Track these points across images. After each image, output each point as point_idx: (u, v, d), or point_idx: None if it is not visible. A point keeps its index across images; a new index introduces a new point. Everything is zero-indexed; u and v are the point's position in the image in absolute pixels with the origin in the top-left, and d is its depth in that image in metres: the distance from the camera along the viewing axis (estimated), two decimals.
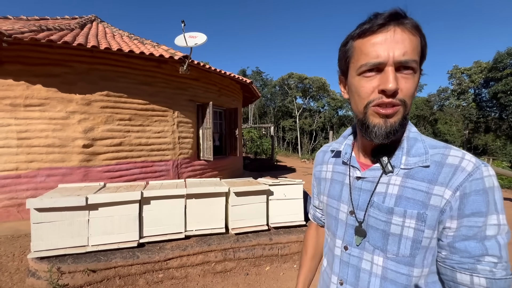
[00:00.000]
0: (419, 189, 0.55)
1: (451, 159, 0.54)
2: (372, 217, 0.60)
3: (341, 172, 0.71)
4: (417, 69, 0.54)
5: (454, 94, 27.46)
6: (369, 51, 0.53)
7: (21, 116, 3.76)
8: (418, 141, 0.59)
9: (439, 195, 0.53)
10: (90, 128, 4.17)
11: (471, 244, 0.50)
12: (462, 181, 0.51)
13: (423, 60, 0.57)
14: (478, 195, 0.50)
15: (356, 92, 0.57)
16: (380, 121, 0.55)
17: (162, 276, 2.59)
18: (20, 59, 3.72)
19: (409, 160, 0.58)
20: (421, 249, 0.55)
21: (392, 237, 0.57)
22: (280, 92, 31.38)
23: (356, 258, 0.63)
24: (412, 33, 0.52)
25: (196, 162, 5.75)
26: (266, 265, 2.95)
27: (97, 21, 6.43)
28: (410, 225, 0.55)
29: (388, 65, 0.51)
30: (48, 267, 2.29)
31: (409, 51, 0.51)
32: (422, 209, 0.54)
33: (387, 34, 0.51)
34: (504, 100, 21.05)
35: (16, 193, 3.76)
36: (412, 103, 0.58)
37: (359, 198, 0.63)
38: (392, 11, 0.52)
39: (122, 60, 4.43)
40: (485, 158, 13.37)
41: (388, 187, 0.59)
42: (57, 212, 2.40)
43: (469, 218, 0.50)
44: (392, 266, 0.57)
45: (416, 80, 0.55)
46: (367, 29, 0.53)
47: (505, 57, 21.13)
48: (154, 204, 2.78)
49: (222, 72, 5.89)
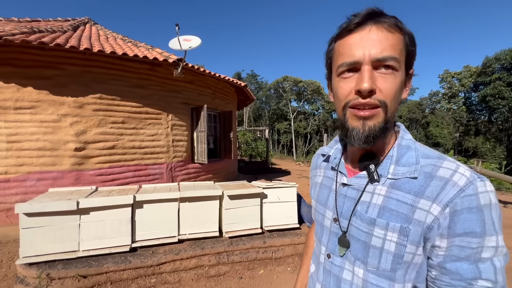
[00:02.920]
0: (404, 201, 0.51)
1: (443, 171, 0.50)
2: (354, 226, 0.58)
3: (329, 177, 0.69)
4: (399, 68, 0.50)
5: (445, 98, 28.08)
6: (346, 51, 0.51)
7: (11, 119, 3.69)
8: (411, 149, 0.56)
9: (425, 210, 0.49)
10: (82, 131, 4.12)
11: (463, 266, 0.46)
12: (453, 197, 0.47)
13: (411, 60, 0.54)
14: (471, 213, 0.46)
15: (336, 94, 0.56)
16: (358, 124, 0.52)
17: (155, 281, 2.56)
18: (10, 61, 3.66)
19: (397, 170, 0.54)
20: (403, 264, 0.52)
21: (373, 250, 0.54)
22: (275, 95, 31.53)
23: (337, 267, 0.61)
24: (390, 31, 0.49)
25: (191, 165, 5.72)
26: (260, 269, 2.94)
27: (90, 23, 6.39)
28: (392, 239, 0.52)
29: (364, 64, 0.49)
30: (37, 273, 2.24)
31: (387, 49, 0.48)
32: (405, 223, 0.50)
33: (363, 33, 0.50)
34: (492, 104, 21.59)
35: (4, 198, 3.67)
36: (399, 106, 0.54)
37: (343, 206, 0.61)
38: (369, 10, 0.50)
39: (115, 62, 4.40)
40: (475, 161, 13.64)
41: (373, 196, 0.56)
42: (47, 217, 2.36)
43: (461, 237, 0.46)
44: (372, 279, 0.55)
45: (399, 80, 0.51)
46: (344, 29, 0.52)
47: (493, 61, 21.72)
48: (147, 208, 2.75)
49: (216, 75, 5.91)
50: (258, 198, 3.20)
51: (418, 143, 0.58)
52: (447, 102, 27.86)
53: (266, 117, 31.77)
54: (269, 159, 13.57)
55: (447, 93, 27.73)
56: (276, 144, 30.78)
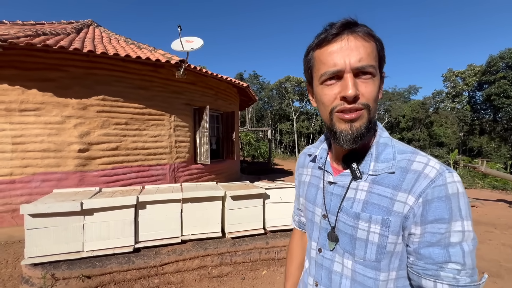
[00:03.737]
0: (384, 195, 0.56)
1: (415, 165, 0.55)
2: (341, 221, 0.62)
3: (317, 176, 0.73)
4: (376, 73, 0.55)
5: (449, 97, 27.86)
6: (327, 60, 0.55)
7: (16, 121, 3.74)
8: (388, 146, 0.60)
9: (402, 202, 0.53)
10: (86, 132, 4.15)
11: (435, 251, 0.50)
12: (425, 188, 0.51)
13: (383, 64, 0.59)
14: (440, 202, 0.50)
15: (321, 100, 0.59)
16: (346, 127, 0.56)
17: (158, 282, 2.57)
18: (15, 63, 3.71)
19: (377, 166, 0.58)
20: (386, 254, 0.56)
21: (359, 242, 0.58)
22: (277, 96, 31.51)
23: (328, 260, 0.65)
24: (365, 40, 0.54)
25: (193, 166, 5.74)
26: (263, 269, 2.94)
27: (93, 26, 6.44)
28: (375, 231, 0.56)
29: (346, 72, 0.53)
30: (42, 274, 2.26)
31: (364, 57, 0.53)
32: (386, 215, 0.55)
33: (342, 42, 0.54)
34: (497, 103, 21.38)
35: (10, 199, 3.72)
36: (377, 106, 0.59)
37: (331, 203, 0.65)
38: (344, 21, 0.55)
39: (118, 64, 4.43)
40: (480, 160, 13.50)
41: (357, 192, 0.60)
42: (51, 218, 2.38)
43: (432, 224, 0.51)
44: (360, 270, 0.59)
45: (377, 84, 0.56)
46: (323, 39, 0.56)
47: (498, 60, 21.52)
48: (150, 208, 2.77)
49: (218, 76, 5.92)
50: (261, 199, 3.20)
51: (395, 139, 0.63)
52: (451, 101, 27.65)
53: (268, 118, 31.77)
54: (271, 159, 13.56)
55: (451, 92, 27.52)
56: (278, 144, 30.76)
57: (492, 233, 4.19)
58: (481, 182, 8.98)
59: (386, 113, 31.27)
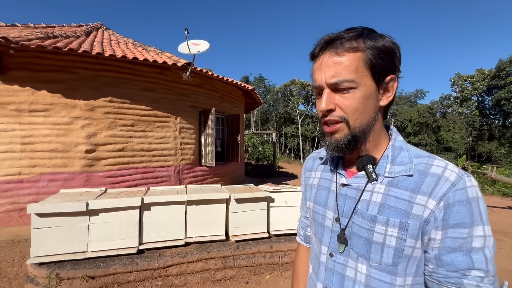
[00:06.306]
0: (402, 197, 0.55)
1: (434, 168, 0.54)
2: (356, 224, 0.60)
3: (328, 178, 0.72)
4: (357, 85, 0.54)
5: (457, 102, 27.40)
6: (314, 76, 0.60)
7: (26, 121, 3.81)
8: (404, 150, 0.60)
9: (422, 204, 0.53)
10: (93, 133, 4.21)
11: (457, 257, 0.49)
12: (446, 191, 0.51)
13: (382, 69, 0.55)
14: (462, 206, 0.50)
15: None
16: (327, 138, 0.61)
17: (161, 284, 2.56)
18: (26, 65, 3.79)
19: (393, 169, 0.58)
20: (404, 258, 0.55)
21: (375, 245, 0.57)
22: (282, 99, 31.49)
23: (341, 265, 0.63)
24: (344, 54, 0.54)
25: (198, 168, 5.75)
26: (267, 274, 2.91)
27: (102, 29, 6.56)
28: (392, 234, 0.55)
29: (324, 88, 0.57)
30: (47, 273, 2.27)
31: (339, 72, 0.54)
32: (404, 218, 0.54)
33: (320, 60, 0.58)
34: (507, 108, 20.96)
35: (18, 198, 3.77)
36: (375, 115, 0.58)
37: (344, 205, 0.64)
38: (325, 37, 0.57)
39: (126, 66, 4.49)
40: (489, 166, 13.21)
41: (372, 195, 0.59)
42: (57, 218, 2.40)
43: (454, 229, 0.50)
44: (375, 275, 0.57)
45: (360, 95, 0.55)
46: (311, 56, 0.61)
47: (508, 65, 21.14)
48: (155, 210, 2.77)
49: (224, 78, 5.95)
50: (265, 202, 3.17)
51: (409, 144, 0.63)
52: (459, 106, 27.18)
53: (273, 121, 31.74)
54: (276, 162, 13.52)
55: (459, 96, 27.07)
56: (283, 147, 30.67)
57: (503, 241, 4.07)
58: (490, 188, 8.77)
59: (392, 117, 30.94)
